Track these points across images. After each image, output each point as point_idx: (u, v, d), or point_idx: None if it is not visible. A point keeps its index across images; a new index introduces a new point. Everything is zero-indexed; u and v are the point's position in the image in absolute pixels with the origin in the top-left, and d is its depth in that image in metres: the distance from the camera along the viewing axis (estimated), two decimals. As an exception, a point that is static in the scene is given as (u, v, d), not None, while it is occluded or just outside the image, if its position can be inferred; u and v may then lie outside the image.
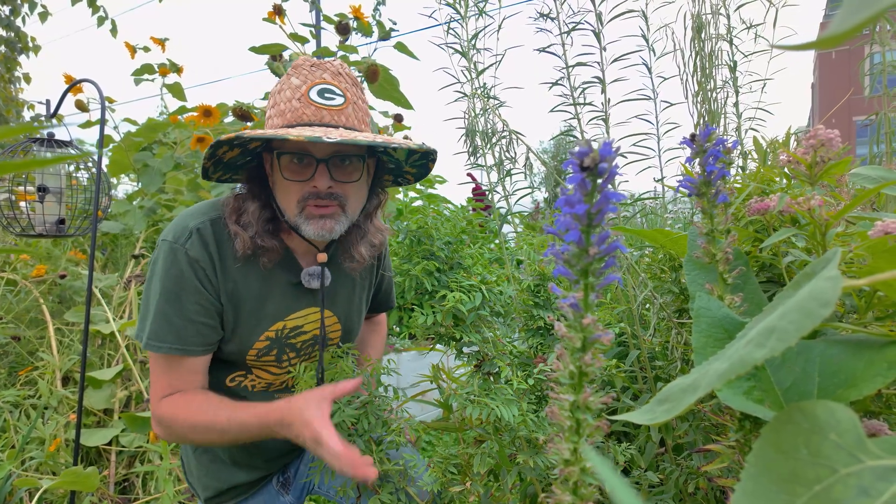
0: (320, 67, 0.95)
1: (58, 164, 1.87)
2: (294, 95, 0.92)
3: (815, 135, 0.60)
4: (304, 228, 0.93)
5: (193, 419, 0.93)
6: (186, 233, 0.94)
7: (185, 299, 0.93)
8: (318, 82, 0.93)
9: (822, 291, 0.32)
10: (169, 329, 0.93)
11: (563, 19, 1.31)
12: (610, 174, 0.39)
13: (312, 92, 0.92)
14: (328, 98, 0.92)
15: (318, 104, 0.91)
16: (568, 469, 0.42)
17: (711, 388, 0.35)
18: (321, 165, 0.91)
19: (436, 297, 0.89)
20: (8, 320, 2.34)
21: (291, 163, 0.92)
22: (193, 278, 0.93)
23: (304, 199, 0.92)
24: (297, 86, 0.93)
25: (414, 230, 0.90)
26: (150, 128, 2.62)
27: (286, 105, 0.92)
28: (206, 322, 0.95)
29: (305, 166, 0.92)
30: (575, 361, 0.42)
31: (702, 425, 0.92)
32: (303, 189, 0.92)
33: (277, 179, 0.95)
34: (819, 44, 0.25)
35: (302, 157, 0.92)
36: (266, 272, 0.99)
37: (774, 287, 0.73)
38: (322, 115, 0.91)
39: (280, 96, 0.94)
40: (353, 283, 1.12)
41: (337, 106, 0.93)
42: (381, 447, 0.87)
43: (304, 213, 0.93)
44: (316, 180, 0.91)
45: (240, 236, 0.94)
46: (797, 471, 0.30)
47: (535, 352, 1.10)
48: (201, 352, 0.96)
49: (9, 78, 6.39)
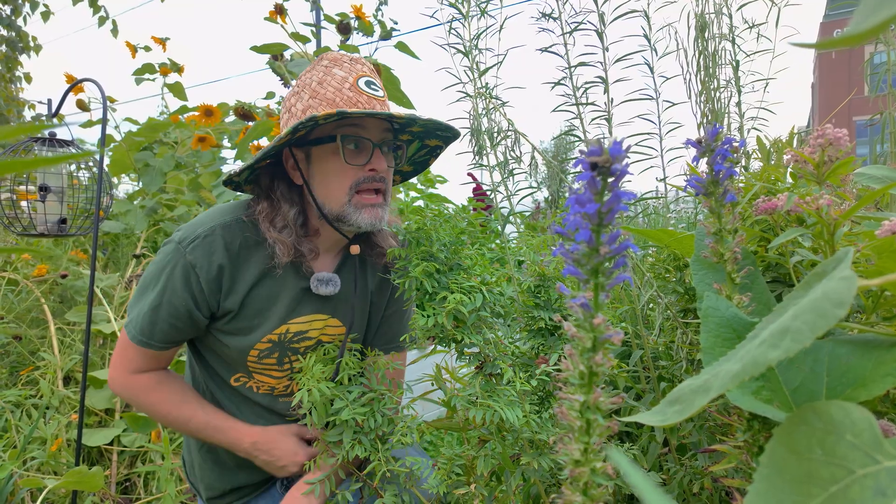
0: (359, 62, 0.98)
1: (59, 163, 1.87)
2: (343, 85, 0.94)
3: (823, 134, 0.60)
4: (356, 217, 0.94)
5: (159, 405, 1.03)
6: (192, 237, 0.94)
7: (164, 298, 0.95)
8: (363, 74, 0.96)
9: (837, 292, 0.32)
10: (144, 320, 0.96)
11: (565, 19, 1.31)
12: (621, 173, 0.39)
13: (361, 82, 0.94)
14: (374, 89, 0.96)
15: (368, 94, 0.94)
16: (578, 469, 0.42)
17: (724, 389, 0.35)
18: (377, 150, 0.94)
19: (436, 299, 0.89)
20: (9, 320, 2.33)
21: (350, 147, 0.94)
22: (180, 282, 0.94)
23: (357, 185, 0.94)
24: (343, 77, 0.94)
25: (413, 231, 0.90)
26: (151, 127, 2.62)
27: (336, 94, 0.93)
28: (175, 324, 0.97)
29: (361, 151, 0.94)
30: (585, 361, 0.41)
31: (706, 425, 0.91)
32: (358, 173, 0.94)
33: (321, 168, 0.95)
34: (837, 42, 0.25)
35: (359, 141, 0.94)
36: (278, 277, 0.99)
37: (781, 287, 0.73)
38: (374, 104, 0.94)
39: (323, 87, 0.94)
40: (366, 292, 1.11)
41: (381, 97, 0.96)
42: (387, 446, 0.87)
43: (353, 202, 0.94)
44: (374, 163, 0.94)
45: (280, 242, 0.94)
46: (812, 471, 0.30)
47: (536, 353, 1.10)
48: (162, 348, 0.99)
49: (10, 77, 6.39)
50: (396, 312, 1.16)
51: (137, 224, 2.50)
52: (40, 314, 2.37)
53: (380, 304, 1.13)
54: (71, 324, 2.31)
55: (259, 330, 1.00)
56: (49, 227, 1.82)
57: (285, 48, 2.13)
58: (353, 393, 0.89)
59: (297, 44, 2.18)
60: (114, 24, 4.98)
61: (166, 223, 2.49)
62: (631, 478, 0.16)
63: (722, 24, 1.37)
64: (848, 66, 14.87)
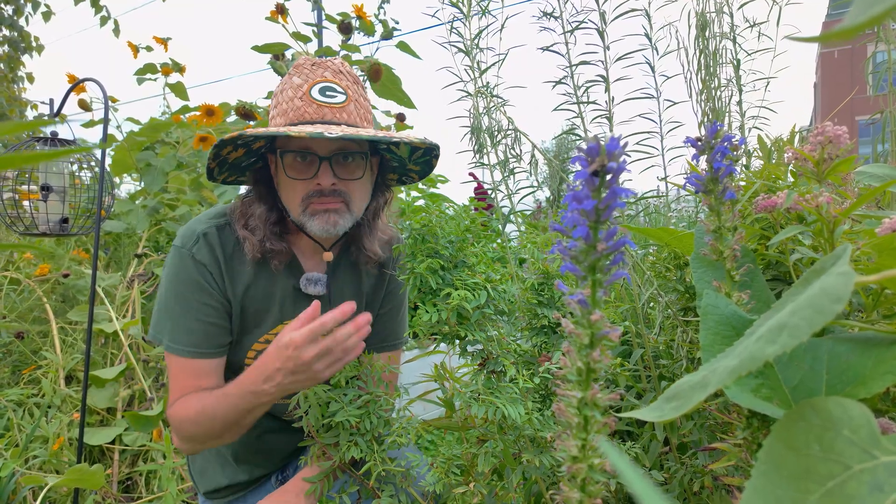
0: (321, 66, 0.95)
1: (61, 161, 1.87)
2: (296, 94, 0.92)
3: (823, 132, 0.60)
4: (310, 225, 0.93)
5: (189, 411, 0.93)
6: (194, 238, 0.96)
7: (194, 302, 0.95)
8: (320, 80, 0.93)
9: (834, 287, 0.31)
10: (186, 332, 0.94)
11: (566, 18, 1.31)
12: (618, 170, 0.39)
13: (314, 90, 0.92)
14: (329, 96, 0.93)
15: (319, 102, 0.92)
16: (576, 466, 0.42)
17: (721, 385, 0.35)
18: (324, 163, 0.91)
19: (440, 296, 0.89)
20: (11, 319, 2.34)
21: (295, 161, 0.92)
22: (202, 281, 0.94)
23: (308, 198, 0.93)
24: (298, 85, 0.93)
25: (418, 228, 0.90)
26: (152, 127, 2.62)
27: (288, 104, 0.92)
28: (215, 322, 0.96)
29: (308, 164, 0.92)
30: (583, 358, 0.41)
31: (707, 423, 0.91)
32: (307, 187, 0.93)
33: (281, 179, 0.96)
34: (833, 36, 0.25)
35: (305, 154, 0.92)
36: (272, 276, 1.00)
37: (781, 284, 0.73)
38: (324, 112, 0.92)
39: (282, 96, 0.94)
40: (361, 294, 1.11)
41: (338, 104, 0.93)
42: (383, 447, 0.87)
43: (309, 211, 0.93)
44: (319, 178, 0.92)
45: (248, 241, 0.95)
46: (809, 467, 0.30)
47: (539, 350, 1.10)
48: (214, 353, 0.97)
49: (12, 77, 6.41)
50: (390, 311, 1.16)
51: (139, 224, 2.50)
52: (42, 313, 2.38)
53: (374, 304, 1.14)
54: (73, 323, 2.32)
55: (256, 330, 1.01)
56: (51, 226, 1.82)
57: (287, 48, 2.14)
58: (348, 395, 0.89)
59: (299, 43, 2.18)
60: (115, 23, 4.99)
61: (168, 223, 2.49)
62: (623, 473, 0.16)
63: (723, 22, 1.37)
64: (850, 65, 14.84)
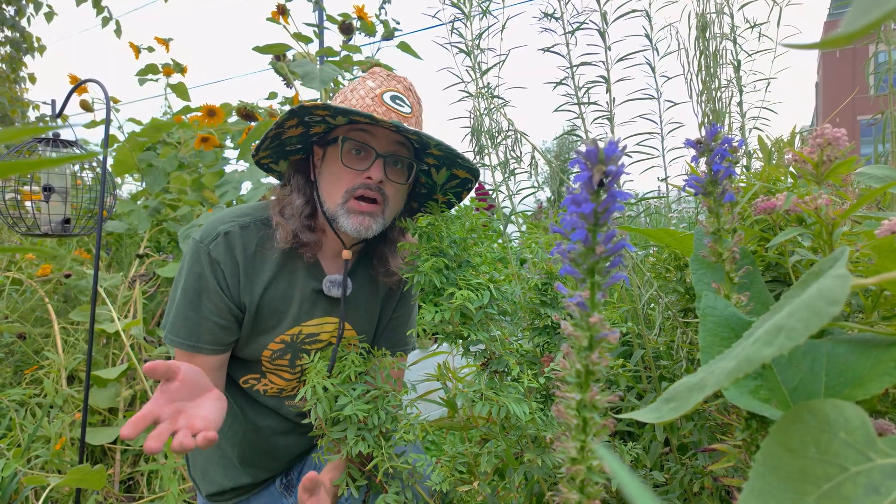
0: (395, 79, 0.99)
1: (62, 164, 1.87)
2: (368, 94, 0.95)
3: (822, 133, 0.60)
4: (343, 221, 0.95)
5: None
6: (213, 234, 0.97)
7: (203, 297, 0.96)
8: (392, 89, 0.97)
9: (831, 289, 0.32)
10: (184, 324, 0.96)
11: (567, 19, 1.31)
12: (617, 173, 0.39)
13: (386, 95, 0.96)
14: (399, 104, 0.96)
15: (389, 106, 0.95)
16: (575, 467, 0.42)
17: (719, 386, 0.35)
18: (379, 159, 0.94)
19: (444, 295, 0.90)
20: (14, 319, 2.34)
21: (351, 151, 0.95)
22: (213, 278, 0.95)
23: (352, 189, 0.94)
24: (372, 87, 0.96)
25: (423, 226, 0.91)
26: (154, 128, 2.63)
27: (359, 101, 0.95)
28: (218, 322, 0.97)
29: (363, 158, 0.95)
30: (582, 360, 0.42)
31: (706, 425, 0.91)
32: (355, 179, 0.94)
33: (328, 168, 0.97)
34: (829, 43, 0.25)
35: (362, 148, 0.94)
36: (292, 277, 1.01)
37: (780, 286, 0.73)
38: (391, 116, 0.95)
39: (353, 94, 0.97)
40: (377, 299, 1.12)
41: (406, 113, 0.97)
42: (390, 443, 0.87)
43: (346, 206, 0.94)
44: (371, 171, 0.94)
45: (282, 227, 0.97)
46: (806, 469, 0.30)
47: (541, 351, 1.10)
48: (211, 351, 0.98)
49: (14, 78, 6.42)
50: (402, 316, 1.17)
51: (141, 224, 2.51)
52: (44, 313, 2.39)
53: (388, 310, 1.15)
54: (75, 323, 2.32)
55: (274, 331, 1.01)
56: (53, 227, 1.83)
57: (288, 48, 2.14)
58: (357, 390, 0.89)
59: (300, 44, 2.18)
60: (117, 24, 5.00)
61: (169, 223, 2.50)
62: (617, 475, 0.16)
63: (723, 23, 1.37)
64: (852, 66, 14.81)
